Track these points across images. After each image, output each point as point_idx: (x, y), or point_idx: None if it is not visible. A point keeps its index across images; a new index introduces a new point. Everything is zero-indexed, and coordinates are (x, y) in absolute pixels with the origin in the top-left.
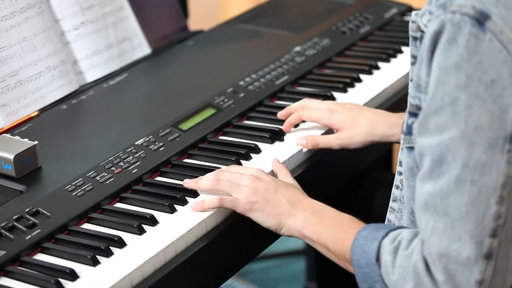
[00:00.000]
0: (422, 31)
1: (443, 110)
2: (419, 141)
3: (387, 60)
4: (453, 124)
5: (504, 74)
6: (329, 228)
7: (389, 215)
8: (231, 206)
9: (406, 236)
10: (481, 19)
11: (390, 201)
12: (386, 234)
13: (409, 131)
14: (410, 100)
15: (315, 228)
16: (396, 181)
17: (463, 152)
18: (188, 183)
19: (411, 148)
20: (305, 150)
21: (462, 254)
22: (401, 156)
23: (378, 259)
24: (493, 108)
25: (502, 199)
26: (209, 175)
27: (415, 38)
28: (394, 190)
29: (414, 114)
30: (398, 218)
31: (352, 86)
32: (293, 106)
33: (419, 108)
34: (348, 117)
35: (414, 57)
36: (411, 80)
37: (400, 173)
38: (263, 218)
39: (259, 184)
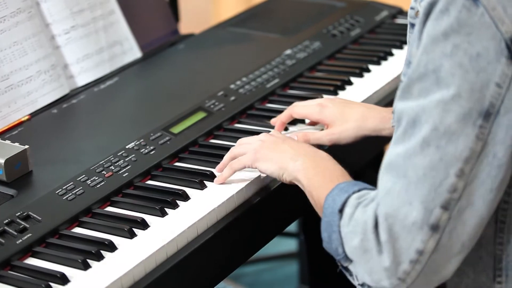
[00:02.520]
0: None
1: (426, 76)
2: (399, 105)
3: (378, 63)
4: (437, 89)
5: (490, 50)
6: (319, 174)
7: None
8: (238, 164)
9: (371, 196)
10: None
11: None
12: (359, 190)
13: None
14: (402, 78)
15: (308, 173)
16: None
17: (436, 116)
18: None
19: None
20: None
21: (408, 218)
22: None
23: (341, 210)
24: (475, 80)
25: (462, 173)
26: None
27: (412, 25)
28: None
29: None
30: None
31: (343, 89)
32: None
33: None
34: (338, 112)
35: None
36: (405, 64)
37: None
38: (267, 165)
39: (268, 137)
